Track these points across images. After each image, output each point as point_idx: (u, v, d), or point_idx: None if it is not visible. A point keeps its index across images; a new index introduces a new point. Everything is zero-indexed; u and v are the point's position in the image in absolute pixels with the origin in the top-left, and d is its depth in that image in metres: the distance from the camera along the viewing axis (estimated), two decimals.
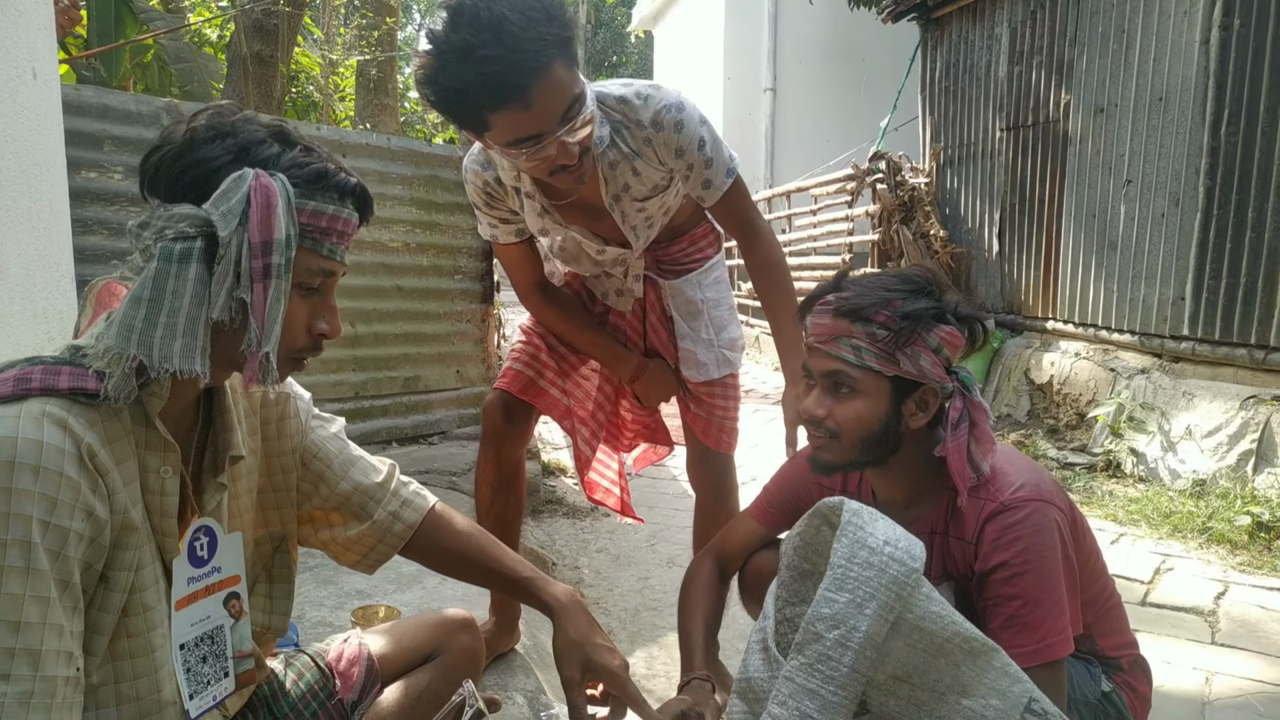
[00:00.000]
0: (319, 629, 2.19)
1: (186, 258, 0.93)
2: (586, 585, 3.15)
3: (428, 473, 3.93)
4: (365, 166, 4.38)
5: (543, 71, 1.43)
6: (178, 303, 0.92)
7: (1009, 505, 1.35)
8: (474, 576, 1.39)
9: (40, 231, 2.10)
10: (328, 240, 1.02)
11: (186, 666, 1.06)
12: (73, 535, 0.89)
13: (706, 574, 1.74)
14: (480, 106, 1.47)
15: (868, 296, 1.36)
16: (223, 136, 0.97)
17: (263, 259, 0.95)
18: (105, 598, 0.96)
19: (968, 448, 1.37)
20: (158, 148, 0.98)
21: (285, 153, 1.00)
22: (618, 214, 1.85)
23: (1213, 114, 4.31)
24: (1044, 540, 1.32)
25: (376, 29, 10.54)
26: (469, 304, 4.90)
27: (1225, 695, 2.36)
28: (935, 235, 6.75)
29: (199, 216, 0.94)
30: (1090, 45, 5.26)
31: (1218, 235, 4.31)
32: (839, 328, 1.37)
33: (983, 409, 1.39)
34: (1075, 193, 5.46)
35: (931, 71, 7.12)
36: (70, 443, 0.89)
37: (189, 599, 1.07)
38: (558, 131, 1.51)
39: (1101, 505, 4.10)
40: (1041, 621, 1.28)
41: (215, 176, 0.95)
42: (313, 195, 1.00)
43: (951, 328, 1.36)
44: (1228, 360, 4.29)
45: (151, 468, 1.00)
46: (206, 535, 1.09)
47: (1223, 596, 3.04)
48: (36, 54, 2.11)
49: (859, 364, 1.36)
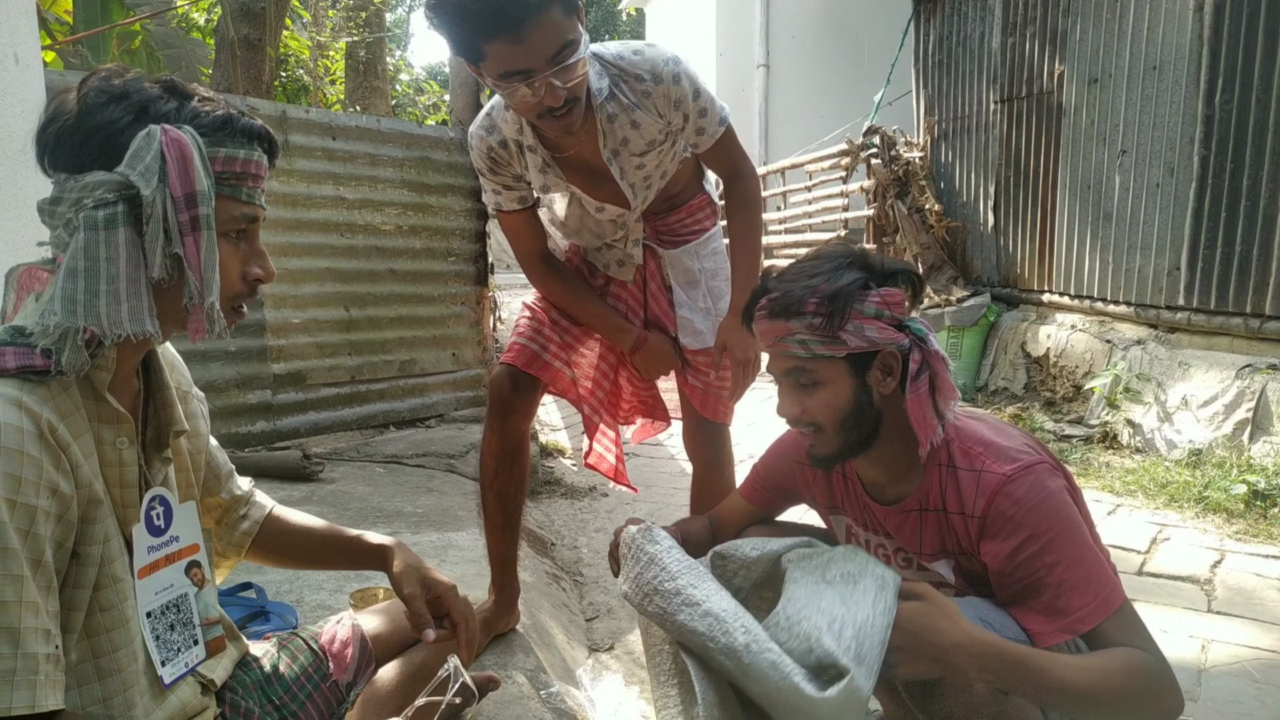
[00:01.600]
0: (318, 612, 2.19)
1: (112, 223, 0.92)
2: (585, 564, 3.16)
3: (425, 455, 3.94)
4: (356, 149, 4.35)
5: (540, 9, 1.51)
6: (113, 268, 0.93)
7: (1011, 476, 1.34)
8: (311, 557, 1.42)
9: (27, 218, 2.08)
10: (244, 185, 1.03)
11: (155, 634, 1.07)
12: (39, 513, 0.89)
13: (701, 522, 1.80)
14: (477, 34, 1.55)
15: (793, 290, 1.38)
16: (117, 100, 0.96)
17: (188, 211, 0.95)
18: (79, 573, 0.97)
19: (931, 397, 1.38)
20: (50, 120, 0.97)
21: (184, 105, 0.99)
22: (615, 169, 1.90)
23: (1207, 82, 4.28)
24: (1058, 500, 1.33)
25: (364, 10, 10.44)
26: (463, 286, 4.89)
27: (1221, 663, 2.38)
28: (930, 209, 6.72)
29: (115, 180, 0.93)
30: (1083, 15, 5.22)
31: (1213, 204, 4.29)
32: (778, 328, 1.40)
33: (940, 357, 1.40)
34: (1070, 164, 5.43)
35: (925, 45, 7.06)
36: (28, 420, 0.89)
37: (150, 568, 1.08)
38: (546, 71, 1.58)
39: (1098, 476, 4.11)
40: (1090, 576, 1.29)
41: (120, 139, 0.94)
42: (222, 143, 1.00)
43: (885, 288, 1.37)
44: (1223, 330, 4.29)
45: (107, 440, 1.01)
46: (161, 505, 1.10)
47: (1219, 565, 3.05)
48: (18, 39, 2.08)
49: (809, 355, 1.38)
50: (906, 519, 1.48)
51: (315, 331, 4.25)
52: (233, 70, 6.83)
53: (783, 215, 8.89)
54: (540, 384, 2.10)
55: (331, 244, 4.29)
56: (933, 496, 1.44)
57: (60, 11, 6.54)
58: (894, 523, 1.51)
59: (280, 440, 4.06)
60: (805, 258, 1.45)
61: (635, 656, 2.47)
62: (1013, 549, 1.31)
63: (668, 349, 2.15)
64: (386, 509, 3.06)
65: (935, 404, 1.38)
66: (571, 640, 2.49)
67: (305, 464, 3.41)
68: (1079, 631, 1.27)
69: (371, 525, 2.86)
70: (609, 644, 2.55)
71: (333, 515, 2.95)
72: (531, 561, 2.86)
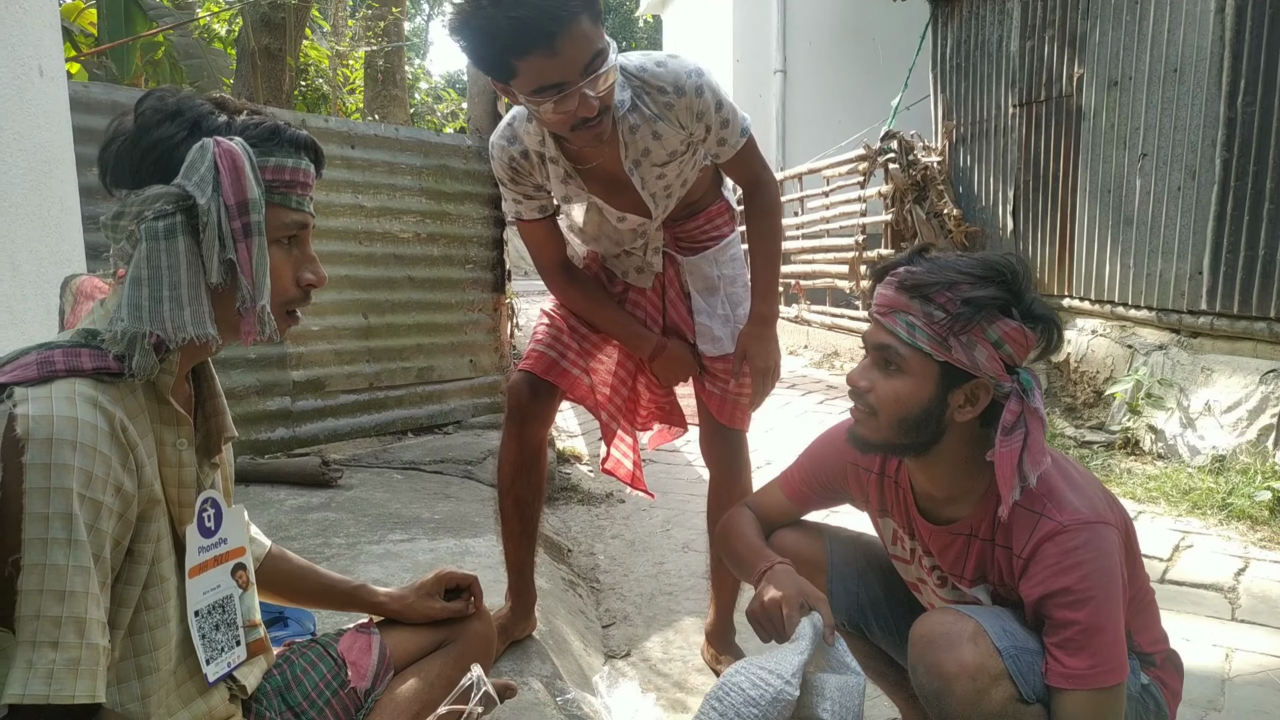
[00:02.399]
0: (335, 618, 2.21)
1: (171, 233, 0.97)
2: (602, 571, 3.16)
3: (443, 462, 3.95)
4: (375, 157, 4.38)
5: (570, 21, 1.52)
6: (175, 275, 0.97)
7: (1069, 527, 1.30)
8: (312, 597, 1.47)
9: (51, 228, 2.11)
10: (293, 193, 1.07)
11: (201, 633, 1.10)
12: (104, 509, 0.92)
13: (747, 516, 1.72)
14: (508, 51, 1.55)
15: (934, 275, 1.30)
16: (171, 117, 1.01)
17: (240, 219, 0.99)
18: (131, 570, 1.00)
19: (1019, 456, 1.30)
20: (111, 140, 1.01)
21: (234, 119, 1.04)
22: (637, 179, 1.91)
23: (1229, 84, 4.24)
24: (1106, 565, 1.29)
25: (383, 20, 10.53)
26: (481, 293, 4.91)
27: (1246, 672, 2.35)
28: (949, 214, 6.69)
29: (171, 192, 0.97)
30: (1103, 17, 5.18)
31: (1235, 208, 4.25)
32: (898, 301, 1.33)
33: (1040, 418, 1.32)
34: (1090, 168, 5.39)
35: (942, 49, 7.04)
36: (103, 419, 0.93)
37: (200, 568, 1.11)
38: (580, 82, 1.59)
39: (1120, 483, 4.07)
40: (1104, 646, 1.27)
41: (176, 153, 0.99)
42: (271, 152, 1.05)
43: (1018, 324, 1.29)
44: (1247, 334, 4.24)
45: (168, 441, 1.04)
46: (213, 507, 1.14)
47: (1243, 573, 3.01)
48: (43, 51, 2.11)
49: (910, 342, 1.31)
50: (953, 541, 1.45)
51: (334, 338, 4.28)
52: (253, 80, 6.90)
53: (800, 220, 8.88)
54: (558, 391, 2.10)
55: (350, 252, 4.32)
56: (985, 527, 1.40)
57: (84, 23, 6.64)
58: (939, 543, 1.48)
59: (299, 447, 4.08)
60: (967, 255, 1.37)
61: (651, 663, 2.47)
62: (1046, 594, 1.30)
63: (687, 355, 2.15)
64: (404, 515, 3.08)
65: (1023, 464, 1.30)
66: (588, 647, 2.49)
67: (324, 470, 3.43)
68: (1057, 685, 1.27)
69: (389, 531, 2.87)
70: (625, 651, 2.54)
71: (351, 521, 2.96)
72: (548, 568, 2.87)
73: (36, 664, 0.86)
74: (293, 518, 3.01)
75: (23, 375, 0.93)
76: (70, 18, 6.43)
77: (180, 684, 1.08)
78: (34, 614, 0.87)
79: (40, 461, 0.88)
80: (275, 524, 2.91)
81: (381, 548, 2.70)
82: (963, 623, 1.32)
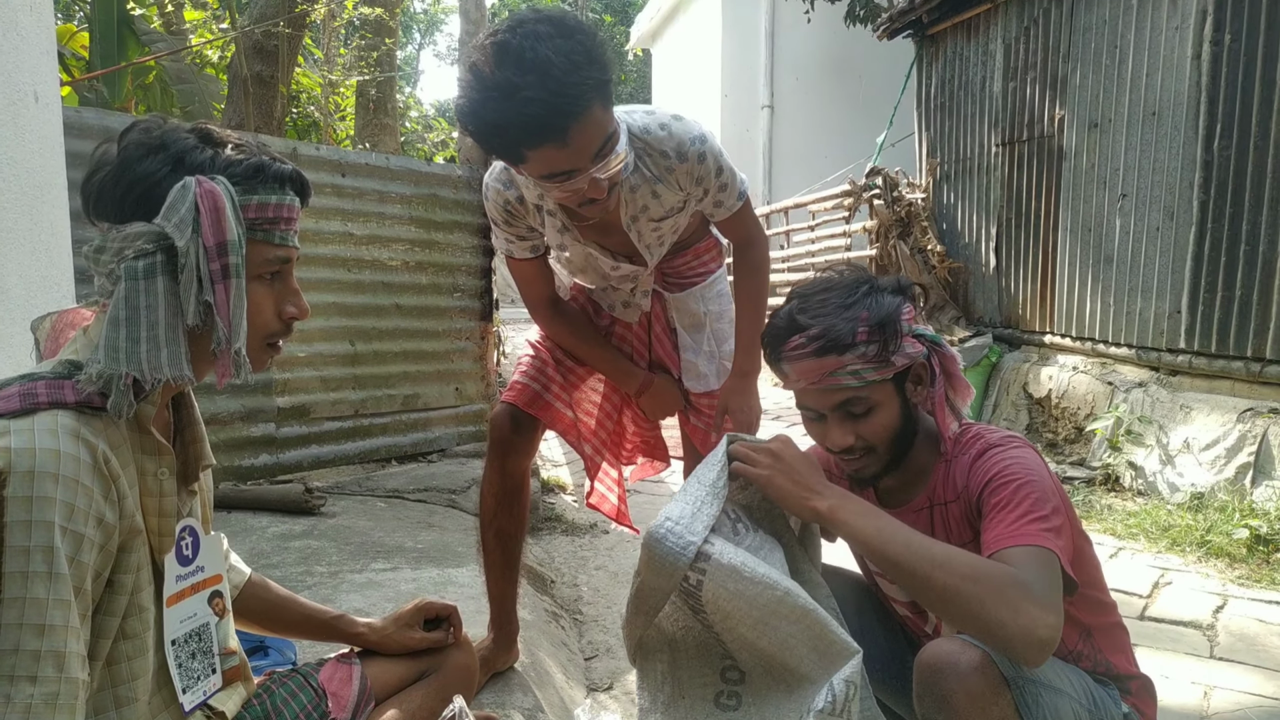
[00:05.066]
0: (317, 648, 2.19)
1: (151, 273, 0.97)
2: (585, 603, 3.15)
3: (427, 490, 3.94)
4: (365, 186, 4.40)
5: (581, 114, 1.49)
6: (153, 316, 0.97)
7: (993, 444, 1.43)
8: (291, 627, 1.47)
9: (41, 253, 2.12)
10: (277, 229, 1.07)
11: (178, 662, 1.10)
12: (86, 541, 0.92)
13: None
14: (519, 143, 1.52)
15: (836, 325, 1.39)
16: (154, 151, 1.01)
17: (219, 260, 1.00)
18: (111, 601, 0.99)
19: (945, 394, 1.47)
20: (94, 171, 1.01)
21: (219, 154, 1.04)
22: (634, 233, 1.91)
23: (1205, 128, 4.34)
24: (1028, 456, 1.39)
25: (376, 49, 10.61)
26: (468, 321, 4.92)
27: (1224, 710, 2.36)
28: (932, 250, 6.77)
29: (153, 232, 0.98)
30: (1084, 61, 5.30)
31: (1212, 248, 4.33)
32: (826, 364, 1.39)
33: (952, 357, 1.48)
34: (1071, 207, 5.48)
35: (927, 88, 7.16)
36: (85, 451, 0.93)
37: (177, 596, 1.10)
38: (590, 169, 1.58)
39: (1100, 519, 4.10)
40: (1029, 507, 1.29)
41: (158, 190, 0.99)
42: (255, 190, 1.04)
43: (902, 301, 1.44)
44: (1224, 373, 4.30)
45: (149, 471, 1.04)
46: (190, 535, 1.14)
47: (1221, 610, 3.04)
48: (38, 77, 2.13)
49: (863, 384, 1.40)
50: (917, 518, 1.49)
51: (320, 365, 4.28)
52: (245, 106, 6.93)
53: (785, 254, 8.95)
54: (540, 423, 2.11)
55: (338, 279, 4.33)
56: (938, 491, 1.48)
57: (76, 47, 6.67)
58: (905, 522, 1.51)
59: (283, 473, 4.06)
60: (820, 286, 1.47)
61: (633, 696, 2.45)
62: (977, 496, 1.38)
63: (673, 391, 2.16)
64: (387, 544, 3.06)
65: (951, 401, 1.47)
66: (570, 679, 2.48)
67: (307, 497, 3.42)
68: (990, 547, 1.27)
69: (372, 560, 2.86)
70: (608, 684, 2.53)
71: (333, 549, 2.95)
72: (531, 599, 2.86)
73: (14, 699, 0.85)
74: (275, 545, 2.99)
75: (5, 407, 0.93)
76: (63, 41, 6.45)
77: (156, 714, 1.07)
78: (13, 648, 0.86)
79: (22, 494, 0.88)
80: (257, 551, 2.89)
81: (364, 576, 2.69)
82: (969, 651, 1.32)
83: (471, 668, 1.48)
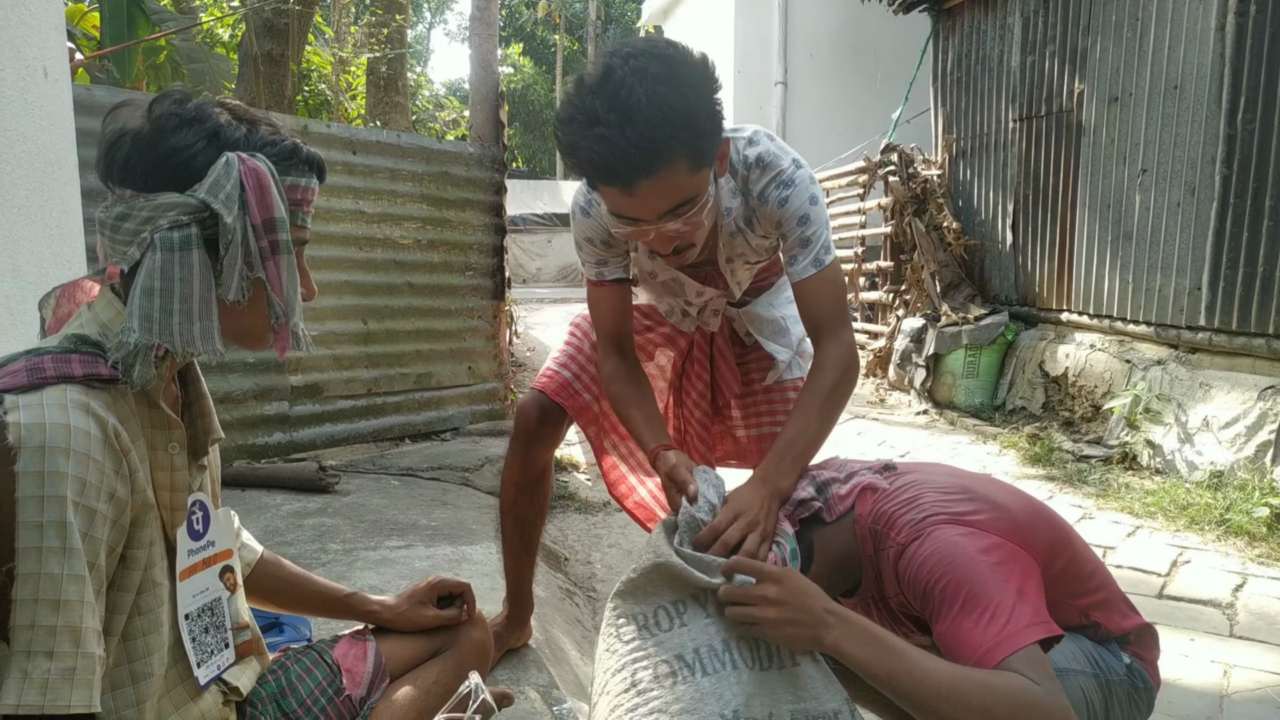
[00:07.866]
0: (331, 624, 2.20)
1: (187, 245, 0.96)
2: (599, 580, 3.15)
3: (440, 469, 3.95)
4: (376, 164, 4.39)
5: (656, 172, 1.37)
6: (187, 289, 0.97)
7: (904, 545, 1.34)
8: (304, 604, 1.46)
9: (53, 230, 2.11)
10: (300, 211, 1.07)
11: (192, 636, 1.09)
12: (99, 517, 0.92)
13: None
14: (588, 174, 1.45)
15: None
16: (188, 124, 1.00)
17: (268, 237, 1.00)
18: (125, 577, 0.99)
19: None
20: (120, 137, 0.99)
21: (253, 133, 1.03)
22: (728, 272, 1.85)
23: (1229, 101, 4.26)
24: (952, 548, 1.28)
25: (386, 26, 10.55)
26: (480, 300, 4.91)
27: (1244, 688, 2.34)
28: (948, 227, 6.71)
29: (189, 204, 0.96)
30: (1104, 33, 5.21)
31: (1234, 224, 4.26)
32: None
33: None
34: (1090, 183, 5.41)
35: (943, 63, 7.07)
36: (96, 425, 0.92)
37: (189, 570, 1.10)
38: (655, 224, 1.47)
39: (1118, 498, 4.07)
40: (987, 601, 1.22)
41: (194, 163, 0.98)
42: (289, 171, 1.05)
43: None
44: (1245, 350, 4.24)
45: (159, 445, 1.04)
46: (200, 510, 1.13)
47: (1241, 589, 3.01)
48: (47, 53, 2.11)
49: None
50: (868, 610, 1.48)
51: (333, 344, 4.28)
52: (256, 85, 6.91)
53: None
54: (566, 415, 2.05)
55: (350, 257, 4.32)
56: (871, 587, 1.45)
57: (88, 26, 6.65)
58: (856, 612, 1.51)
59: (296, 452, 4.07)
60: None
61: None
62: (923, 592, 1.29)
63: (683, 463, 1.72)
64: (401, 522, 3.07)
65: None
66: (584, 657, 2.48)
67: (321, 476, 3.43)
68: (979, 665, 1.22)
69: (386, 537, 2.86)
70: None
71: (347, 527, 2.95)
72: (545, 577, 2.86)
73: (32, 674, 0.85)
74: (289, 523, 3.00)
75: (12, 382, 0.92)
76: (74, 20, 6.44)
77: (172, 688, 1.07)
78: (29, 623, 0.86)
79: (33, 469, 0.87)
80: (271, 529, 2.90)
81: (378, 554, 2.69)
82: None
83: (486, 644, 1.48)
